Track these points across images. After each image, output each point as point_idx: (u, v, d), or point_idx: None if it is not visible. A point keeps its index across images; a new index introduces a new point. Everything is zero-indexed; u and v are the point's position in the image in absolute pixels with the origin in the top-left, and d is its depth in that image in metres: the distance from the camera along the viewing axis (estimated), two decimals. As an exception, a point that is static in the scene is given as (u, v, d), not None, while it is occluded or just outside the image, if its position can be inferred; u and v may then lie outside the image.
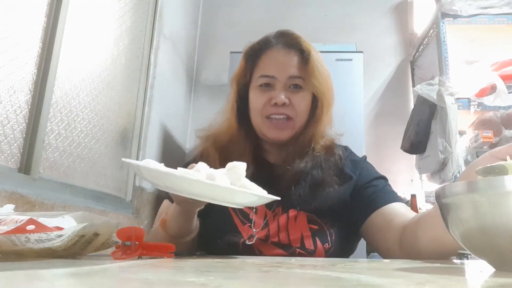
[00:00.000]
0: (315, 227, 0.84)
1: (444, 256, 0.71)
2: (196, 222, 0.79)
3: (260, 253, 0.83)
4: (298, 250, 0.82)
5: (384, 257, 0.84)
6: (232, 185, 0.58)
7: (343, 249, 0.87)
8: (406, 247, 0.77)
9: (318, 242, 0.83)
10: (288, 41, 0.95)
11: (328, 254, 0.83)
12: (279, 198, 0.63)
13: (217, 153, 0.92)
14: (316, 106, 0.94)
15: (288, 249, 0.82)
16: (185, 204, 0.69)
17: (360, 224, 0.85)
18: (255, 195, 0.59)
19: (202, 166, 0.60)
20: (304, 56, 0.92)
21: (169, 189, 0.59)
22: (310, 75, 0.91)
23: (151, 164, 0.58)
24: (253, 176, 0.68)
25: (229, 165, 0.61)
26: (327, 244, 0.83)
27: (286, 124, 0.91)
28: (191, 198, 0.59)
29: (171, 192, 0.62)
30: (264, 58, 0.94)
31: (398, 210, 0.83)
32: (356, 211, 0.86)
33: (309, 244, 0.83)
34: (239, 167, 0.60)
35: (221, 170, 0.61)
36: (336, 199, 0.86)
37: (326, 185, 0.87)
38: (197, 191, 0.57)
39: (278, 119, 0.90)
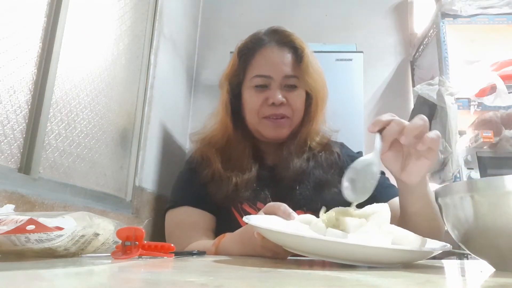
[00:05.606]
0: None
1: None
2: None
3: None
4: None
5: None
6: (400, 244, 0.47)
7: None
8: None
9: None
10: (281, 38, 0.93)
11: None
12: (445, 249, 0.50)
13: (218, 155, 0.91)
14: (310, 103, 0.94)
15: None
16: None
17: None
18: (431, 250, 0.47)
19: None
20: (298, 54, 0.91)
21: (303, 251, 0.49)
22: (304, 73, 0.90)
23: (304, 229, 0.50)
24: (257, 178, 0.67)
25: (371, 209, 0.53)
26: None
27: (284, 122, 0.90)
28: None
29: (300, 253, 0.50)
30: (258, 57, 0.92)
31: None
32: None
33: None
34: (383, 211, 0.52)
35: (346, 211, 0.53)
36: (341, 199, 0.86)
37: (330, 185, 0.87)
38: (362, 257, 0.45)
39: (276, 119, 0.90)
